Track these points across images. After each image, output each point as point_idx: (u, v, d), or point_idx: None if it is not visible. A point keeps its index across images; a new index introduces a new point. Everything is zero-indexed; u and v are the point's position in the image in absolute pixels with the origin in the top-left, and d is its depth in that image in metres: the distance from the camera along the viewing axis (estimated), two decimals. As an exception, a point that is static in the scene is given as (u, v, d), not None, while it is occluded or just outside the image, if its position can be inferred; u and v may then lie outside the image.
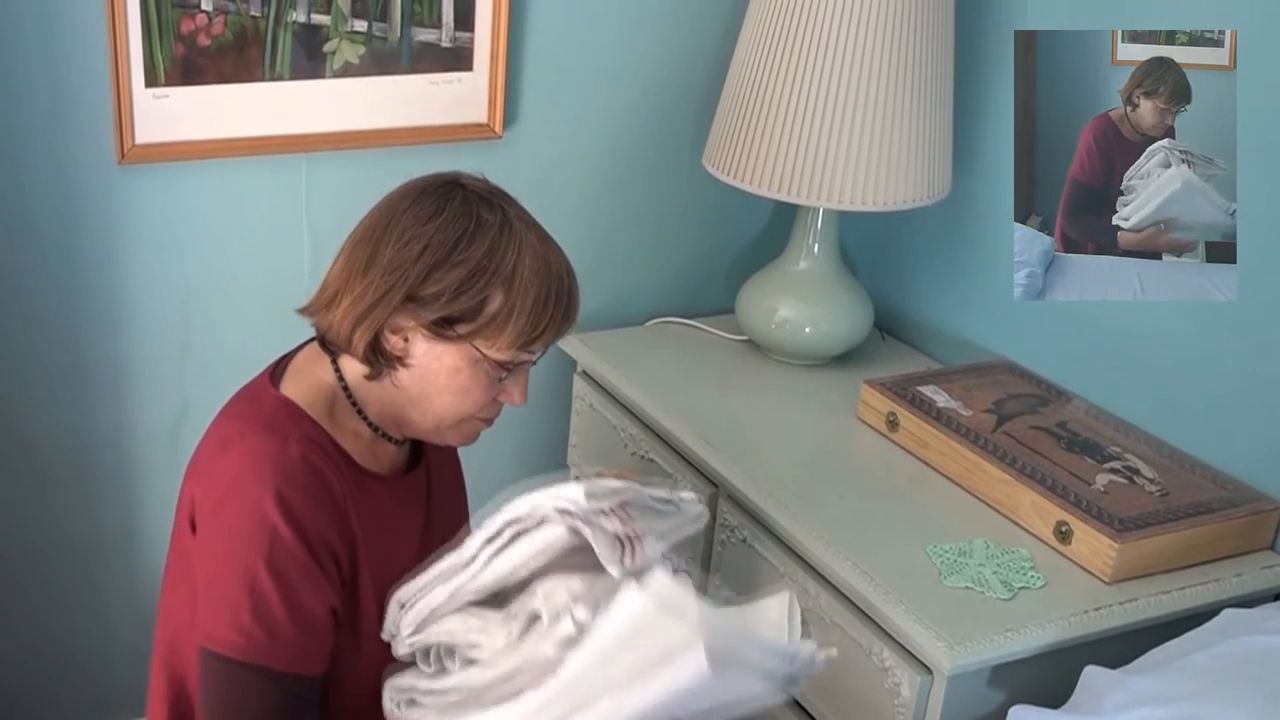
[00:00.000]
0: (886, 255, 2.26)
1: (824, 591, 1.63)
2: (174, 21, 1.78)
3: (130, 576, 2.10)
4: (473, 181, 1.37)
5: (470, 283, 1.30)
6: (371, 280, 1.31)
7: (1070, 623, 1.51)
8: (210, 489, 1.32)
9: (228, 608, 1.28)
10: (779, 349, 2.10)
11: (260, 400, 1.37)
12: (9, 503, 1.98)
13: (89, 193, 1.84)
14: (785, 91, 1.85)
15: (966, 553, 1.61)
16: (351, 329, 1.33)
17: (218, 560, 1.30)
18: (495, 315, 1.31)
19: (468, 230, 1.31)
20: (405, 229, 1.31)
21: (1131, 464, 1.72)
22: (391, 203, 1.36)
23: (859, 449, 1.87)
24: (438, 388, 1.36)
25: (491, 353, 1.34)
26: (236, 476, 1.30)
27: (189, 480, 1.38)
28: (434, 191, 1.34)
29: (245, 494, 1.28)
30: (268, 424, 1.33)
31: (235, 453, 1.31)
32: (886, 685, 1.54)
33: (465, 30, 1.96)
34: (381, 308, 1.31)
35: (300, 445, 1.31)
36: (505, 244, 1.31)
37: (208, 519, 1.32)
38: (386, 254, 1.31)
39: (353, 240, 1.36)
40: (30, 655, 2.08)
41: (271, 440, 1.31)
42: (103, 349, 1.94)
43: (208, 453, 1.36)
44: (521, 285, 1.31)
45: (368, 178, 2.00)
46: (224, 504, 1.30)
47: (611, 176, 2.19)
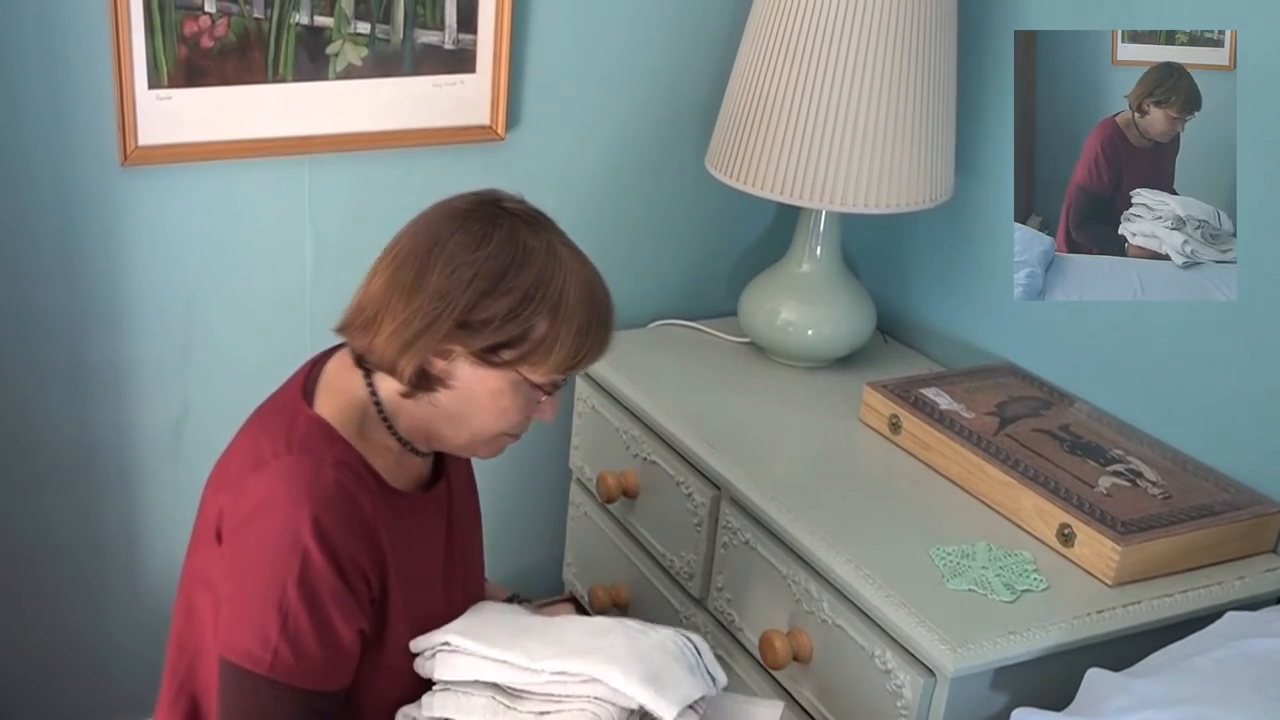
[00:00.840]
0: (889, 258, 2.25)
1: (826, 593, 1.63)
2: (177, 23, 1.78)
3: (129, 581, 2.10)
4: (513, 204, 1.37)
5: (518, 310, 1.30)
6: (419, 306, 1.30)
7: (1073, 625, 1.51)
8: (240, 503, 1.32)
9: (255, 623, 1.28)
10: (781, 351, 2.10)
11: (294, 418, 1.36)
12: (7, 506, 1.97)
13: (91, 194, 1.84)
14: (788, 94, 1.85)
15: (969, 555, 1.61)
16: (398, 354, 1.32)
17: (247, 575, 1.30)
18: (540, 342, 1.32)
19: (515, 258, 1.31)
20: (453, 255, 1.31)
21: (1134, 467, 1.72)
22: (434, 226, 1.34)
23: (861, 451, 1.87)
24: (477, 408, 1.37)
25: (533, 376, 1.35)
26: (270, 496, 1.29)
27: (216, 491, 1.37)
28: (479, 215, 1.33)
29: (279, 514, 1.28)
30: (303, 445, 1.32)
31: (269, 471, 1.31)
32: (889, 687, 1.54)
33: (468, 32, 1.96)
34: (430, 334, 1.31)
35: (335, 469, 1.31)
36: (552, 271, 1.32)
37: (237, 533, 1.31)
38: (434, 280, 1.30)
39: (393, 261, 1.35)
40: (28, 660, 2.08)
41: (307, 462, 1.31)
42: (104, 350, 1.93)
43: (238, 466, 1.35)
44: (567, 312, 1.32)
45: (370, 180, 2.01)
46: (256, 521, 1.30)
47: (614, 178, 2.19)
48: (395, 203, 2.02)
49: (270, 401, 1.44)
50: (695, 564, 1.90)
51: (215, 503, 1.36)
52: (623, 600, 2.09)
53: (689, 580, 1.92)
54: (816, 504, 1.72)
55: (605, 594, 2.11)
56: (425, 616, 1.44)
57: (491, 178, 2.07)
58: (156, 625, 2.11)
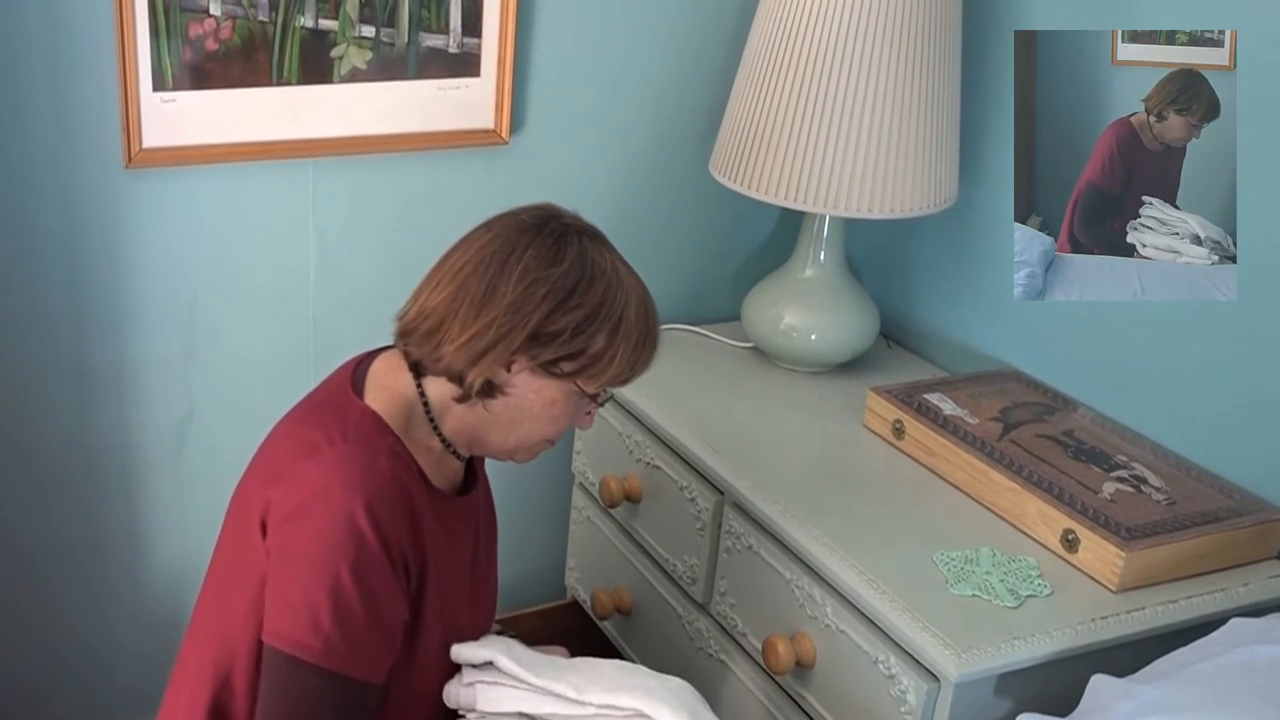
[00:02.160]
0: (892, 263, 2.25)
1: (830, 599, 1.63)
2: (182, 26, 1.78)
3: (132, 583, 2.10)
4: (574, 220, 1.41)
5: (584, 326, 1.34)
6: (492, 318, 1.33)
7: (1077, 631, 1.51)
8: (293, 492, 1.32)
9: (307, 611, 1.29)
10: (785, 356, 2.09)
11: (346, 409, 1.38)
12: (10, 507, 1.97)
13: (96, 196, 1.84)
14: (792, 99, 1.85)
15: (973, 560, 1.61)
16: (468, 365, 1.35)
17: (300, 563, 1.30)
18: (599, 356, 1.36)
19: (585, 274, 1.35)
20: (528, 268, 1.33)
21: (1138, 473, 1.71)
22: (504, 238, 1.36)
23: (865, 456, 1.87)
24: (530, 416, 1.40)
25: (588, 388, 1.39)
26: (326, 483, 1.31)
27: (262, 484, 1.37)
28: (548, 231, 1.37)
29: (335, 500, 1.29)
30: (358, 434, 1.35)
31: (324, 459, 1.32)
32: (893, 693, 1.53)
33: (473, 36, 1.96)
34: (503, 346, 1.33)
35: (389, 459, 1.34)
36: (615, 289, 1.37)
37: (288, 521, 1.32)
38: (508, 292, 1.33)
39: (459, 271, 1.36)
40: (30, 660, 2.07)
41: (362, 451, 1.33)
42: (107, 352, 1.93)
43: (289, 456, 1.36)
44: (626, 329, 1.37)
45: (374, 183, 2.01)
46: (310, 508, 1.31)
47: (618, 183, 2.19)
48: (399, 206, 2.04)
49: (315, 396, 1.46)
50: (698, 569, 1.89)
51: (261, 495, 1.36)
52: (625, 605, 2.08)
53: (692, 585, 1.92)
54: (820, 509, 1.71)
55: (608, 598, 2.10)
56: (454, 621, 1.46)
57: (495, 182, 2.09)
58: (159, 625, 2.12)
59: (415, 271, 2.06)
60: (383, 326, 2.07)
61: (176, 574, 2.11)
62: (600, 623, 2.18)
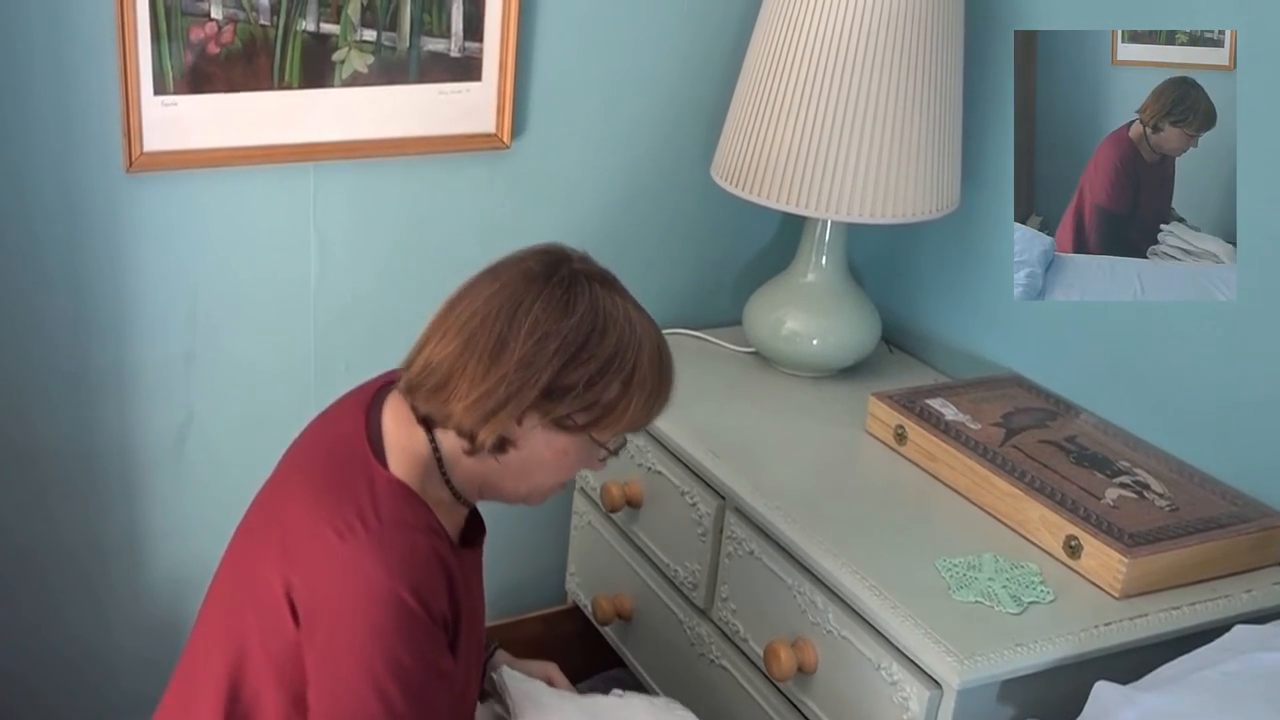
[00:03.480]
0: (894, 268, 2.25)
1: (832, 605, 1.62)
2: (183, 29, 1.77)
3: (133, 586, 2.09)
4: (582, 263, 1.37)
5: (596, 379, 1.31)
6: (503, 375, 1.30)
7: (1080, 638, 1.50)
8: (332, 579, 1.29)
9: (379, 701, 1.27)
10: (786, 361, 2.09)
11: (372, 481, 1.34)
12: (11, 510, 1.97)
13: (96, 200, 1.83)
14: (794, 104, 1.85)
15: (975, 567, 1.61)
16: (479, 424, 1.32)
17: (358, 660, 1.28)
18: (612, 407, 1.34)
19: (597, 326, 1.32)
20: (537, 322, 1.30)
21: (1141, 478, 1.71)
22: (511, 289, 1.33)
23: (867, 462, 1.87)
24: (543, 467, 1.39)
25: (601, 438, 1.37)
26: (369, 573, 1.27)
27: (282, 553, 1.33)
28: (558, 280, 1.33)
29: (380, 590, 1.27)
30: (391, 513, 1.31)
31: (360, 544, 1.28)
32: (895, 700, 1.53)
33: (474, 40, 1.96)
34: (514, 404, 1.31)
35: (426, 536, 1.32)
36: (628, 339, 1.33)
37: (334, 616, 1.29)
38: (517, 348, 1.29)
39: (466, 323, 1.33)
40: (31, 665, 2.07)
41: (400, 532, 1.30)
42: (108, 356, 1.93)
43: (313, 530, 1.31)
44: (640, 378, 1.34)
45: (375, 187, 2.01)
46: (356, 604, 1.27)
47: (619, 187, 2.19)
48: (400, 210, 2.04)
49: (331, 454, 1.40)
50: (700, 574, 1.89)
51: (284, 567, 1.32)
52: (627, 610, 2.08)
53: (693, 590, 1.91)
54: (822, 514, 1.71)
55: (609, 604, 2.10)
56: (476, 660, 1.47)
57: (497, 186, 2.09)
58: (159, 628, 2.12)
59: (416, 275, 2.08)
60: (383, 330, 2.09)
61: (177, 577, 2.11)
62: (601, 628, 2.18)
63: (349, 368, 2.09)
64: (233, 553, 1.45)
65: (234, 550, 1.45)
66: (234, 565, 1.43)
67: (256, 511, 1.45)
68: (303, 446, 1.46)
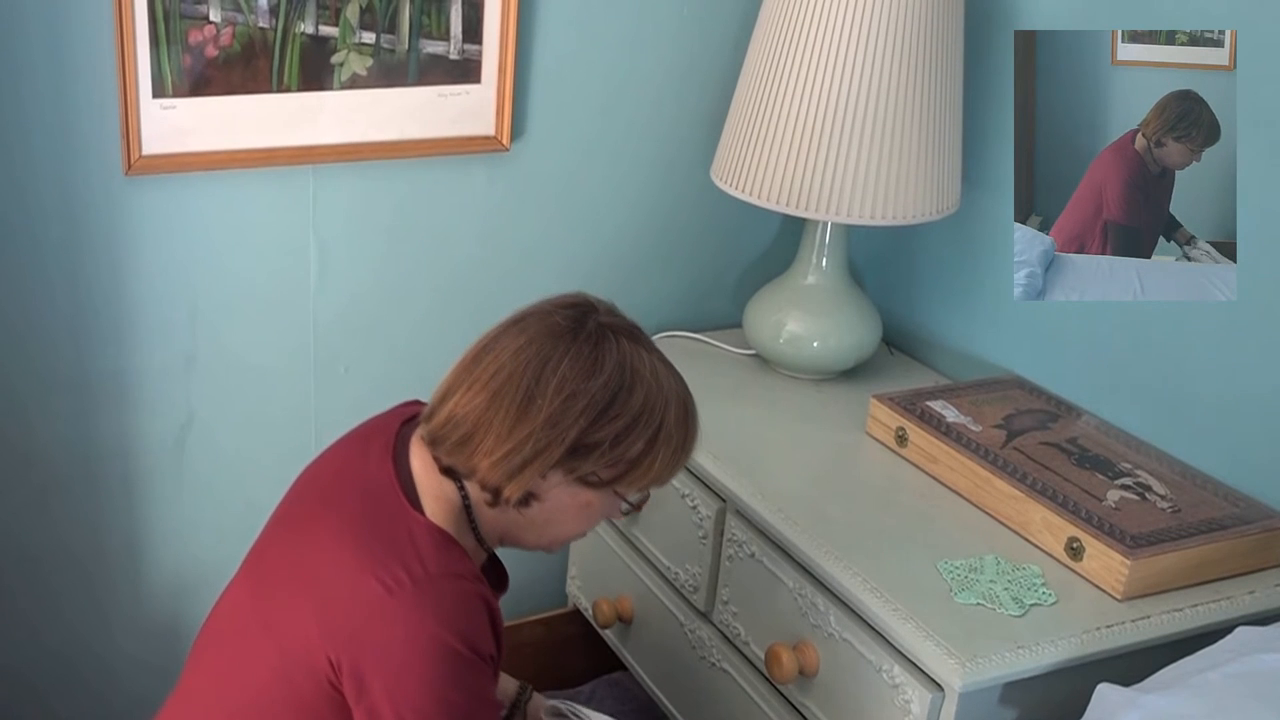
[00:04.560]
0: (895, 270, 2.25)
1: (834, 607, 1.62)
2: (182, 32, 1.77)
3: (134, 589, 2.09)
4: (609, 317, 1.37)
5: (622, 436, 1.32)
6: (529, 433, 1.30)
7: (1082, 640, 1.50)
8: (379, 633, 1.28)
9: None
10: (787, 363, 2.09)
11: (411, 529, 1.33)
12: (11, 514, 1.97)
13: (95, 203, 1.83)
14: (794, 105, 1.84)
15: (977, 569, 1.60)
16: (504, 480, 1.32)
17: (411, 710, 1.28)
18: (637, 462, 1.34)
19: (624, 383, 1.32)
20: (564, 380, 1.30)
21: (1143, 480, 1.71)
22: (538, 345, 1.32)
23: (868, 464, 1.86)
24: (565, 519, 1.40)
25: (625, 493, 1.38)
26: (420, 628, 1.27)
27: (313, 602, 1.31)
28: (585, 336, 1.33)
29: (434, 643, 1.27)
30: (439, 563, 1.31)
31: (407, 596, 1.28)
32: (897, 702, 1.52)
33: (473, 43, 1.96)
34: (540, 462, 1.31)
35: (472, 583, 1.32)
36: (655, 396, 1.34)
37: (383, 671, 1.28)
38: (544, 407, 1.29)
39: (492, 378, 1.32)
40: (33, 668, 2.07)
41: (450, 582, 1.30)
42: (107, 360, 1.93)
43: (355, 582, 1.29)
44: (665, 434, 1.35)
45: (375, 190, 2.01)
46: (410, 660, 1.27)
47: (619, 189, 2.19)
48: (399, 213, 2.04)
49: (362, 498, 1.38)
50: (700, 577, 1.89)
51: (318, 628, 1.30)
52: (627, 613, 2.08)
53: (694, 593, 1.91)
54: (823, 517, 1.71)
55: (609, 607, 2.09)
56: None
57: (496, 188, 2.08)
58: (160, 632, 2.12)
59: (415, 277, 2.08)
60: (382, 332, 2.09)
61: (177, 580, 2.11)
62: (602, 631, 2.17)
63: (348, 370, 2.09)
64: (247, 594, 1.42)
65: (249, 591, 1.43)
66: (251, 610, 1.40)
67: (276, 552, 1.42)
68: (326, 486, 1.43)
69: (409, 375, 2.13)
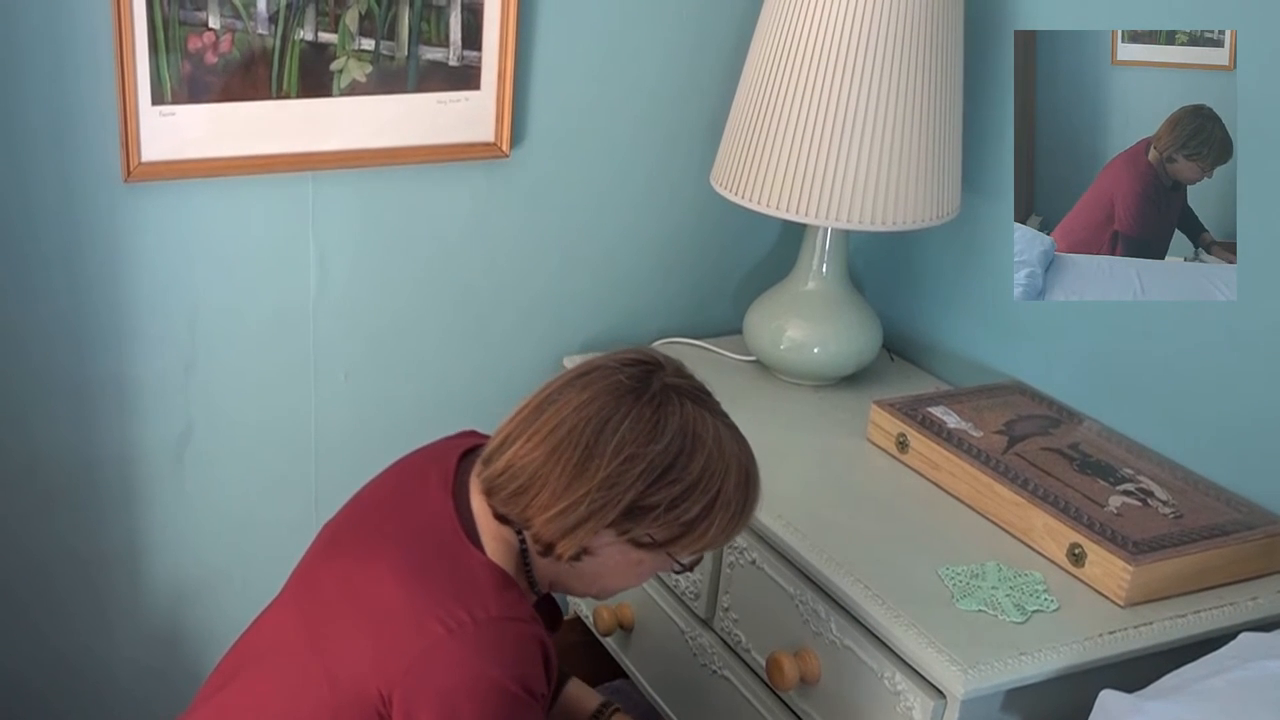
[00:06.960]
0: (895, 275, 2.24)
1: (835, 614, 1.61)
2: (181, 39, 1.77)
3: (134, 594, 2.09)
4: (675, 378, 1.36)
5: (679, 500, 1.31)
6: (586, 491, 1.29)
7: (1084, 646, 1.49)
8: (439, 674, 1.27)
9: None
10: (787, 369, 2.08)
11: (472, 569, 1.33)
12: (12, 520, 1.96)
13: (94, 210, 1.83)
14: (794, 111, 1.84)
15: (979, 575, 1.60)
16: (558, 537, 1.32)
17: None
18: (693, 527, 1.33)
19: (685, 448, 1.31)
20: (624, 442, 1.29)
21: (1145, 486, 1.70)
22: (601, 403, 1.31)
23: (869, 470, 1.86)
24: (615, 574, 1.40)
25: (679, 555, 1.37)
26: (479, 670, 1.27)
27: (370, 634, 1.31)
28: (649, 399, 1.31)
29: (493, 684, 1.27)
30: (500, 604, 1.31)
31: (467, 638, 1.28)
32: (899, 709, 1.52)
33: (473, 49, 1.96)
34: (594, 521, 1.30)
35: (530, 625, 1.32)
36: (715, 462, 1.32)
37: (440, 710, 1.27)
38: (602, 466, 1.29)
39: (552, 432, 1.32)
40: (35, 672, 2.07)
41: (511, 624, 1.30)
42: (107, 366, 1.93)
43: (420, 625, 1.29)
44: (724, 500, 1.33)
45: (374, 197, 2.00)
46: (462, 696, 1.27)
47: (619, 195, 2.19)
48: (399, 219, 2.04)
49: (422, 534, 1.38)
50: (701, 584, 1.88)
51: (373, 667, 1.29)
52: (628, 621, 2.07)
53: (695, 601, 1.90)
54: (824, 523, 1.70)
55: (610, 614, 2.09)
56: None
57: (496, 195, 2.08)
58: (160, 635, 2.12)
59: (415, 284, 2.08)
60: (383, 339, 2.08)
61: (178, 585, 2.10)
62: (603, 639, 2.17)
63: (348, 377, 2.09)
64: (296, 616, 1.42)
65: (297, 614, 1.42)
66: (300, 633, 1.40)
67: (330, 578, 1.41)
68: (384, 516, 1.43)
69: (409, 382, 2.14)
